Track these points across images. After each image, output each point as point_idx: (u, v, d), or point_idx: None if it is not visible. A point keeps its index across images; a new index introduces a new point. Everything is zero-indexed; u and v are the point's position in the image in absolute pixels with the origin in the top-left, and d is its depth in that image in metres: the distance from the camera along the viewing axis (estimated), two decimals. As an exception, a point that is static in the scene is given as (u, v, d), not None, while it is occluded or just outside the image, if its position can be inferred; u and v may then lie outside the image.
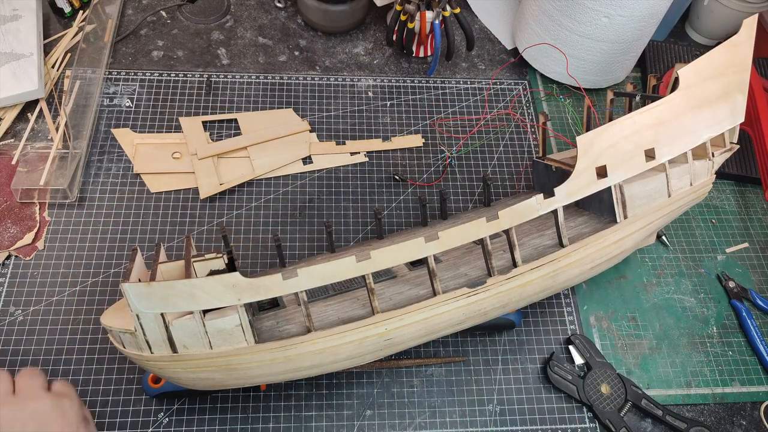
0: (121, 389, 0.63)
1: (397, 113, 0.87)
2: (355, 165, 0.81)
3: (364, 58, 0.92)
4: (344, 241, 0.75)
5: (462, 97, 0.90)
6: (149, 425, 0.61)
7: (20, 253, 0.69)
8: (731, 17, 0.96)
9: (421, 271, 0.61)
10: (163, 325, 0.47)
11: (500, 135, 0.86)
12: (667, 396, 0.69)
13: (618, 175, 0.60)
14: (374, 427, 0.64)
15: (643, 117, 0.60)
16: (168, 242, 0.72)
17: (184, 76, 0.86)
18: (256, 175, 0.78)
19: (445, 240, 0.52)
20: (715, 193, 0.85)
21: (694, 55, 0.96)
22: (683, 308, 0.75)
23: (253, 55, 0.90)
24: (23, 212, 0.72)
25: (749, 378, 0.71)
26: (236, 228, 0.74)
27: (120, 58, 0.87)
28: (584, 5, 0.79)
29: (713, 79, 0.64)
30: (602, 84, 0.91)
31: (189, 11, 0.93)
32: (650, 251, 0.79)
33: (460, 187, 0.81)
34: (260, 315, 0.57)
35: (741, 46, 0.65)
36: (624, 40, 0.83)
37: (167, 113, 0.82)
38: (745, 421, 0.68)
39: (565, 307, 0.73)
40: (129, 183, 0.76)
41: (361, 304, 0.57)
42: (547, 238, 0.63)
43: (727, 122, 0.66)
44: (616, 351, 0.71)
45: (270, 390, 0.64)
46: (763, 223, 0.83)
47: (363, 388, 0.66)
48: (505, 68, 0.94)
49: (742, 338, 0.74)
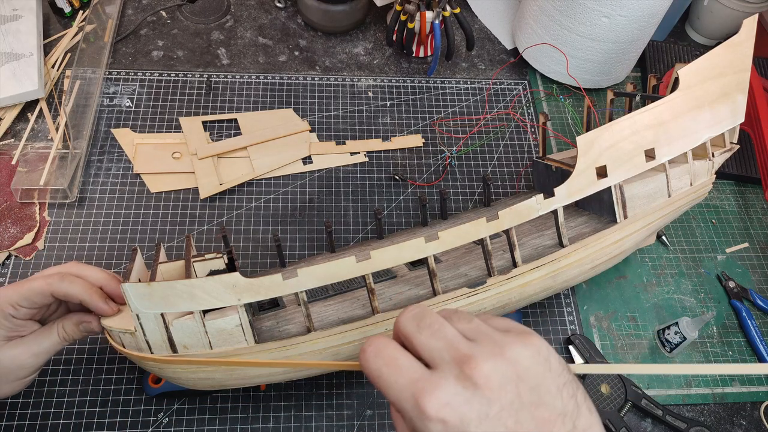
0: (121, 389, 0.63)
1: (397, 113, 0.87)
2: (355, 165, 0.81)
3: (364, 58, 0.92)
4: (344, 241, 0.75)
5: (462, 97, 0.90)
6: (149, 425, 0.61)
7: (20, 253, 0.69)
8: (731, 17, 0.96)
9: (421, 271, 0.61)
10: (163, 326, 0.47)
11: (500, 135, 0.86)
12: (667, 396, 0.69)
13: (618, 175, 0.60)
14: (374, 427, 0.64)
15: (643, 117, 0.60)
16: (168, 242, 0.72)
17: (184, 76, 0.86)
18: (256, 175, 0.78)
19: (445, 240, 0.52)
20: (715, 193, 0.85)
21: (694, 55, 0.96)
22: (683, 308, 0.75)
23: (253, 55, 0.90)
24: (23, 212, 0.72)
25: (749, 378, 0.71)
26: (236, 228, 0.74)
27: (120, 58, 0.87)
28: (584, 5, 0.79)
29: (713, 80, 0.64)
30: (602, 84, 0.91)
31: (189, 11, 0.93)
32: (650, 251, 0.79)
33: (460, 187, 0.81)
34: (260, 315, 0.57)
35: (741, 46, 0.65)
36: (624, 40, 0.83)
37: (167, 113, 0.82)
38: (745, 421, 0.68)
39: (565, 307, 0.73)
40: (129, 183, 0.76)
41: (361, 304, 0.57)
42: (547, 238, 0.63)
43: (727, 122, 0.66)
44: (616, 351, 0.71)
45: (270, 390, 0.64)
46: (763, 223, 0.83)
47: (363, 388, 0.66)
48: (505, 68, 0.94)
49: (742, 338, 0.74)
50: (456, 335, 0.36)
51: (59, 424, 0.60)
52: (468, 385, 0.33)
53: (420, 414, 0.33)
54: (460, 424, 0.32)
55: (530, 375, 0.34)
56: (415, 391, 0.33)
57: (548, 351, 0.36)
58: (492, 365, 0.33)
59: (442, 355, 0.35)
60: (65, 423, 0.60)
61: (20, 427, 0.60)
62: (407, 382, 0.34)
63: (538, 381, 0.34)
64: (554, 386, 0.34)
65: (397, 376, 0.35)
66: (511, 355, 0.34)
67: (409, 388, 0.34)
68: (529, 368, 0.34)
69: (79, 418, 0.61)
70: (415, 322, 0.37)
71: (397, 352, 0.36)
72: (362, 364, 0.37)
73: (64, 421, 0.60)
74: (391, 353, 0.36)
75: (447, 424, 0.32)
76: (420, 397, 0.33)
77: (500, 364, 0.34)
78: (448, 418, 0.32)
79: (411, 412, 0.33)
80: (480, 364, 0.33)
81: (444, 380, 0.33)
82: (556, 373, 0.35)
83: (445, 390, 0.33)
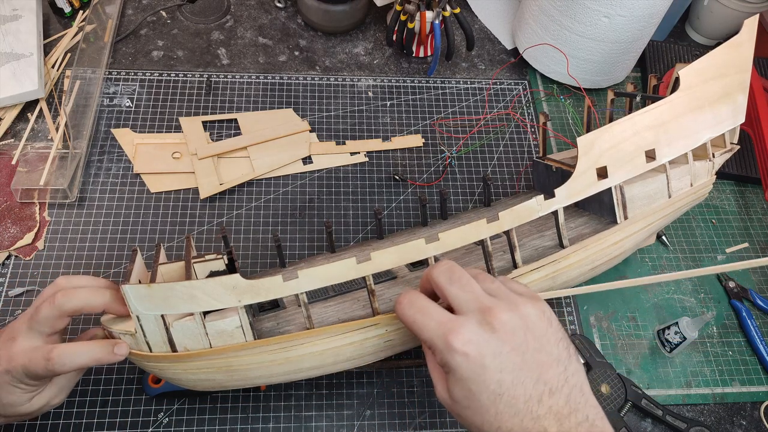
0: (121, 389, 0.63)
1: (397, 113, 0.87)
2: (355, 165, 0.81)
3: (364, 58, 0.92)
4: (344, 241, 0.75)
5: (462, 97, 0.90)
6: (149, 425, 0.61)
7: (20, 253, 0.69)
8: (731, 17, 0.96)
9: (421, 272, 0.61)
10: (163, 327, 0.47)
11: (500, 135, 0.86)
12: (667, 396, 0.69)
13: (618, 176, 0.60)
14: (374, 427, 0.64)
15: (644, 118, 0.60)
16: (168, 242, 0.72)
17: (184, 76, 0.86)
18: (256, 175, 0.78)
19: (446, 241, 0.52)
20: (715, 193, 0.85)
21: (694, 55, 0.95)
22: (683, 308, 0.75)
23: (253, 55, 0.90)
24: (23, 212, 0.72)
25: (749, 378, 0.71)
26: (236, 228, 0.74)
27: (120, 58, 0.86)
28: (584, 5, 0.79)
29: (714, 80, 0.64)
30: (602, 84, 0.91)
31: (189, 11, 0.93)
32: (650, 251, 0.79)
33: (460, 187, 0.81)
34: (260, 316, 0.57)
35: (742, 46, 0.65)
36: (624, 40, 0.83)
37: (167, 113, 0.82)
38: (745, 421, 0.68)
39: (565, 307, 0.73)
40: (129, 183, 0.76)
41: (362, 305, 0.57)
42: (548, 239, 0.63)
43: (727, 123, 0.66)
44: (616, 351, 0.71)
45: (270, 390, 0.64)
46: (763, 223, 0.83)
47: (363, 388, 0.66)
48: (505, 68, 0.94)
49: (742, 338, 0.74)
50: (480, 291, 0.45)
51: (59, 424, 0.60)
52: (488, 328, 0.42)
53: (448, 348, 0.42)
54: (479, 357, 0.41)
55: (536, 327, 0.43)
56: (445, 330, 0.42)
57: (551, 313, 0.46)
58: (508, 316, 0.43)
59: (468, 305, 0.43)
60: (65, 423, 0.60)
61: (20, 426, 0.60)
62: (437, 324, 0.43)
63: (542, 333, 0.43)
64: (554, 339, 0.44)
65: (429, 320, 0.44)
66: (523, 311, 0.43)
67: (440, 329, 0.43)
68: (535, 323, 0.43)
69: (79, 418, 0.61)
70: (447, 275, 0.45)
71: (427, 302, 0.45)
72: (399, 313, 0.46)
73: (64, 421, 0.60)
74: (423, 303, 0.45)
75: (468, 356, 0.41)
76: (449, 334, 0.42)
77: (514, 316, 0.43)
78: (470, 351, 0.41)
79: (441, 347, 0.42)
80: (498, 314, 0.42)
81: (468, 323, 0.42)
82: (555, 329, 0.45)
83: (469, 330, 0.42)
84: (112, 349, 0.48)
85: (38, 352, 0.47)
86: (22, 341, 0.48)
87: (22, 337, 0.48)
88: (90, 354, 0.48)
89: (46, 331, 0.49)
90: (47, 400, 0.51)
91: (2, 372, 0.47)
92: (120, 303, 0.49)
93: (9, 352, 0.48)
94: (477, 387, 0.41)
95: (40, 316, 0.48)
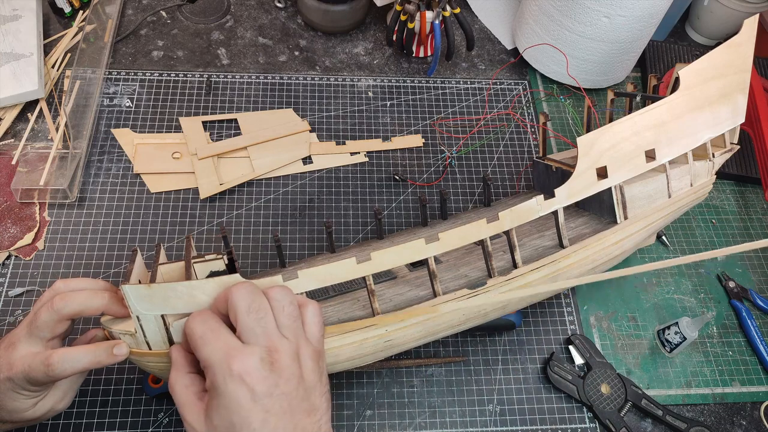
0: (121, 389, 0.63)
1: (397, 113, 0.87)
2: (355, 165, 0.81)
3: (364, 58, 0.92)
4: (344, 241, 0.75)
5: (462, 97, 0.90)
6: (149, 425, 0.61)
7: (20, 253, 0.69)
8: (731, 17, 0.96)
9: (421, 272, 0.61)
10: (163, 327, 0.47)
11: (500, 135, 0.86)
12: (667, 396, 0.69)
13: (618, 176, 0.60)
14: (374, 427, 0.64)
15: (644, 118, 0.60)
16: (168, 242, 0.72)
17: (184, 76, 0.86)
18: (256, 175, 0.78)
19: (446, 241, 0.52)
20: (715, 193, 0.85)
21: (694, 55, 0.96)
22: (683, 308, 0.75)
23: (253, 55, 0.90)
24: (23, 212, 0.72)
25: (749, 378, 0.71)
26: (236, 228, 0.74)
27: (120, 58, 0.86)
28: (584, 5, 0.79)
29: (714, 80, 0.64)
30: (602, 84, 0.91)
31: (189, 11, 0.93)
32: (650, 251, 0.79)
33: (460, 187, 0.81)
34: (260, 316, 0.57)
35: (742, 46, 0.65)
36: (624, 40, 0.83)
37: (167, 113, 0.82)
38: (745, 421, 0.68)
39: (565, 308, 0.73)
40: (129, 183, 0.76)
41: (362, 305, 0.57)
42: (548, 239, 0.63)
43: (727, 123, 0.66)
44: (616, 351, 0.71)
45: (270, 390, 0.64)
46: (763, 223, 0.83)
47: (363, 388, 0.66)
48: (505, 68, 0.94)
49: (742, 338, 0.74)
50: (274, 327, 0.45)
51: (59, 423, 0.60)
52: (268, 367, 0.43)
53: (228, 369, 0.42)
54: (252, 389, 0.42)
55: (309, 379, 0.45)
56: (229, 353, 0.42)
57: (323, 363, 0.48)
58: (289, 361, 0.44)
59: (258, 339, 0.44)
60: (65, 423, 0.60)
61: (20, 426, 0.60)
62: (224, 345, 0.43)
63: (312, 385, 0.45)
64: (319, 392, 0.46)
65: (216, 339, 0.44)
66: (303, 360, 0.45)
67: (224, 349, 0.43)
68: (309, 375, 0.45)
69: (79, 418, 0.61)
70: (247, 301, 0.44)
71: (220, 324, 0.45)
72: (188, 325, 0.45)
73: (64, 421, 0.60)
74: (216, 324, 0.45)
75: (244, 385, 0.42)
76: (231, 358, 0.42)
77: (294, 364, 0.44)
78: (247, 380, 0.42)
79: (219, 367, 0.42)
80: (282, 356, 0.44)
81: (253, 355, 0.43)
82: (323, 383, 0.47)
83: (252, 361, 0.42)
84: (112, 351, 0.48)
85: (37, 357, 0.47)
86: (22, 347, 0.48)
87: (22, 344, 0.48)
88: (89, 357, 0.48)
89: (46, 335, 0.49)
90: (51, 405, 0.51)
91: (4, 379, 0.47)
92: (119, 304, 0.49)
93: (9, 359, 0.48)
94: (240, 420, 0.41)
95: (39, 321, 0.48)
